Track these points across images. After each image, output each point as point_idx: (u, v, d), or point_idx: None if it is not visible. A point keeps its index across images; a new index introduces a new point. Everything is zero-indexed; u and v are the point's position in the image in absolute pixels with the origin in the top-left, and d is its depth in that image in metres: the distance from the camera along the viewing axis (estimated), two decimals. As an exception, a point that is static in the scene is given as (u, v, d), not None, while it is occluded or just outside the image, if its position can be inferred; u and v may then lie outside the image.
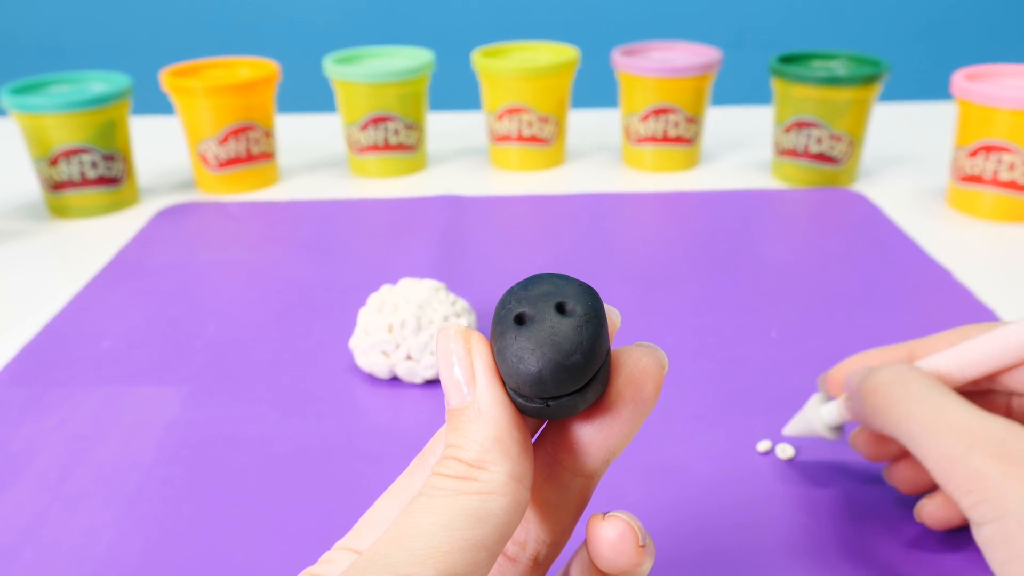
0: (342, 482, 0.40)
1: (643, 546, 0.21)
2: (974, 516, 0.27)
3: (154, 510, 0.38)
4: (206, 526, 0.37)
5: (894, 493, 0.38)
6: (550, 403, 0.20)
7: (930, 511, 0.34)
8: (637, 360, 0.21)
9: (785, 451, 0.40)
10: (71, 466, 0.41)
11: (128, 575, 0.35)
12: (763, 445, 0.41)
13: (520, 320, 0.20)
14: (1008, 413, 0.35)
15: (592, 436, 0.21)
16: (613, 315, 0.21)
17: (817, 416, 0.37)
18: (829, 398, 0.38)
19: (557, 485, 0.22)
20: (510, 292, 0.21)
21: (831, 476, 0.39)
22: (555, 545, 0.23)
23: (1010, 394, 0.34)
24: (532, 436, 0.22)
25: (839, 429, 0.37)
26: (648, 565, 0.21)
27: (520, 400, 0.20)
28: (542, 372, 0.19)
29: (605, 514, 0.22)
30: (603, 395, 0.21)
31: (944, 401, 0.30)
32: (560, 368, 0.19)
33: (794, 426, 0.39)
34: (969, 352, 0.33)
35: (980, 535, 0.27)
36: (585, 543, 0.22)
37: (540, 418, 0.21)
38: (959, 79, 0.65)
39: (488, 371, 0.20)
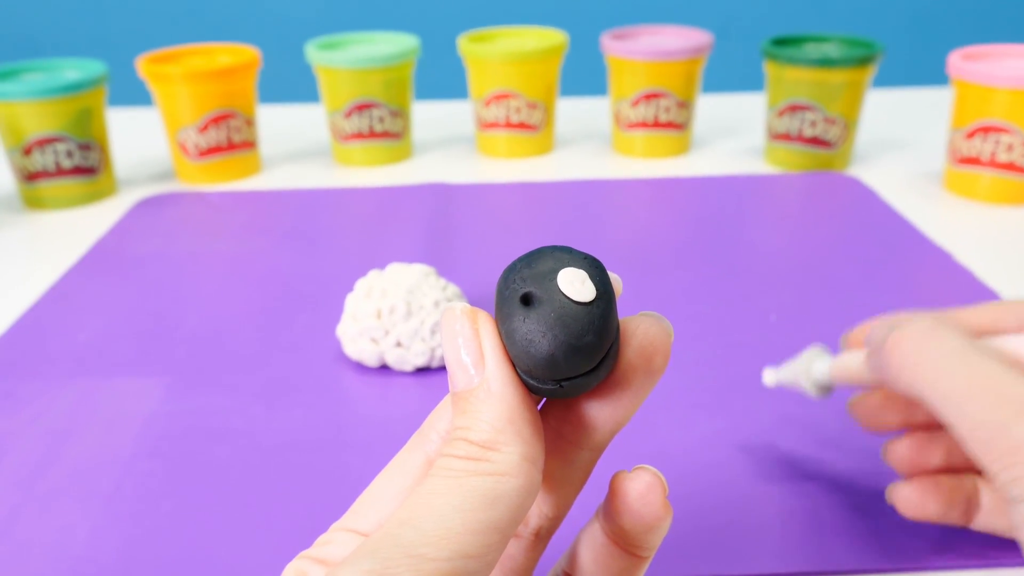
0: (331, 475, 0.38)
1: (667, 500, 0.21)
2: (1015, 492, 0.24)
3: (133, 506, 0.36)
4: (188, 522, 0.35)
5: (894, 477, 0.37)
6: (563, 384, 0.19)
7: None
8: (646, 331, 0.20)
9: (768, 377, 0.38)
10: (46, 462, 0.39)
11: (106, 574, 0.33)
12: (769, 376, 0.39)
13: (527, 300, 0.19)
14: None
15: (600, 410, 0.21)
16: (616, 283, 0.21)
17: (808, 371, 0.35)
18: (830, 355, 0.35)
19: (563, 459, 0.21)
20: (512, 269, 0.20)
21: (828, 462, 0.38)
22: (556, 519, 0.22)
23: None
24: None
25: (827, 390, 0.35)
26: (669, 521, 0.21)
27: (531, 382, 0.20)
28: (555, 355, 0.19)
29: (629, 470, 0.21)
30: (613, 369, 0.20)
31: (984, 360, 0.26)
32: (573, 350, 0.19)
33: (780, 374, 0.37)
34: None
35: (1019, 514, 0.25)
36: (604, 506, 0.22)
37: (552, 398, 0.20)
38: (956, 59, 0.64)
39: (497, 351, 0.19)
